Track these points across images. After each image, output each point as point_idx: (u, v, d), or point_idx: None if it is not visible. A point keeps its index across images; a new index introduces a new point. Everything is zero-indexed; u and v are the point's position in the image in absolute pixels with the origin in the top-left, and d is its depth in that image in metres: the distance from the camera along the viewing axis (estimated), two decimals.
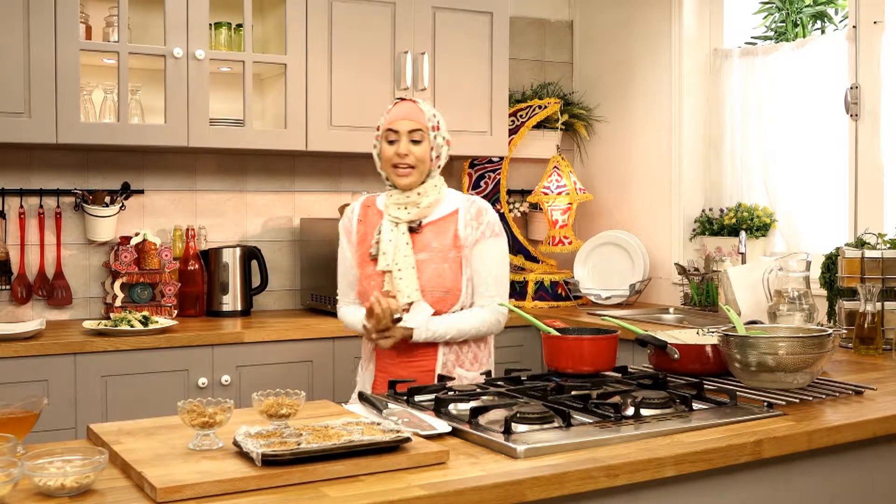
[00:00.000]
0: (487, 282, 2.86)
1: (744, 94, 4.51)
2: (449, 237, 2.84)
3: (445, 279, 2.81)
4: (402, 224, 2.83)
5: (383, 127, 2.85)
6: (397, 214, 2.84)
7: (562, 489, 1.77)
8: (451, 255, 2.83)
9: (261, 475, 1.66)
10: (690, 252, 4.64)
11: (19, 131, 3.60)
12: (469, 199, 2.91)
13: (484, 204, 2.91)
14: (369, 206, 2.97)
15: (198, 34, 3.86)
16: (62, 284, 4.00)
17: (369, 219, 2.94)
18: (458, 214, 2.87)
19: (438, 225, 2.86)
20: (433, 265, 2.82)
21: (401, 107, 2.85)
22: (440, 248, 2.83)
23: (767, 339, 2.42)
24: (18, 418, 1.90)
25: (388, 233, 2.83)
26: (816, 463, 2.17)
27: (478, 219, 2.86)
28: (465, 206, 2.88)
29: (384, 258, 2.82)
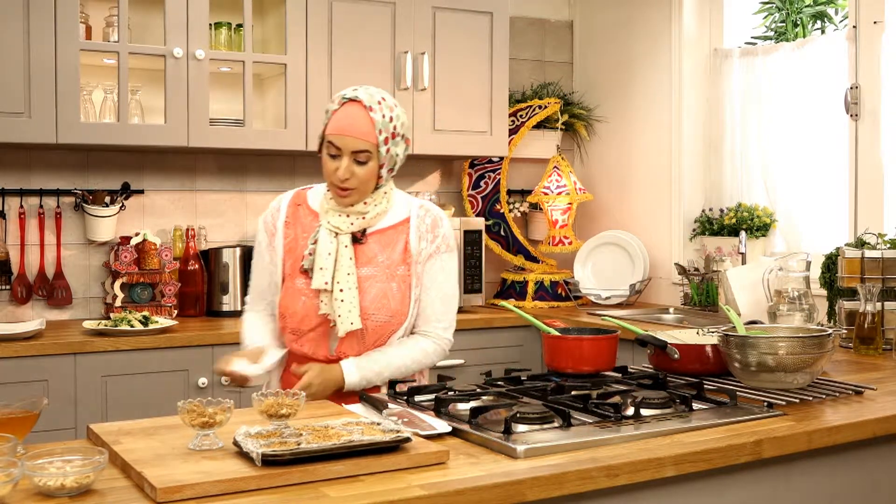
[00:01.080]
0: (435, 304, 2.52)
1: (744, 94, 4.51)
2: (398, 250, 2.48)
3: (391, 301, 2.45)
4: (344, 234, 2.45)
5: (327, 135, 2.41)
6: (338, 224, 2.44)
7: (562, 489, 1.77)
8: (400, 272, 2.47)
9: (261, 475, 1.66)
10: (690, 252, 4.64)
11: (19, 131, 3.60)
12: (421, 205, 2.55)
13: (439, 212, 2.56)
14: (300, 205, 2.55)
15: (198, 34, 3.86)
16: (62, 284, 4.00)
17: (300, 220, 2.52)
18: (409, 224, 2.50)
19: (386, 235, 2.49)
20: (378, 284, 2.45)
21: (346, 115, 2.38)
22: (387, 263, 2.46)
23: (767, 339, 2.42)
24: (18, 418, 1.90)
25: (327, 244, 2.42)
26: (816, 463, 2.17)
27: (433, 230, 2.51)
28: (418, 215, 2.52)
29: (321, 274, 2.40)
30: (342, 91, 2.45)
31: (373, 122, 2.38)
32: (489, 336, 4.23)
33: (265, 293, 2.57)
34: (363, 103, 2.38)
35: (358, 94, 2.40)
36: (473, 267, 4.39)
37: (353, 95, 2.40)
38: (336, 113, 2.40)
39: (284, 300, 2.49)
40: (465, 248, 4.37)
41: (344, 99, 2.40)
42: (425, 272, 2.51)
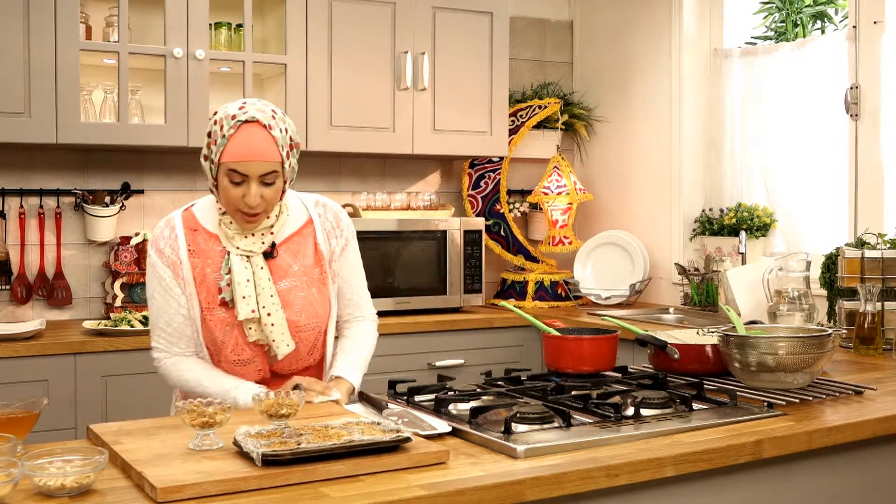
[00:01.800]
0: (359, 290, 2.52)
1: (744, 94, 4.52)
2: (309, 255, 2.40)
3: (317, 306, 2.38)
4: (256, 256, 2.31)
5: (226, 162, 2.20)
6: (248, 247, 2.30)
7: (562, 489, 1.77)
8: (316, 275, 2.39)
9: (261, 475, 1.66)
10: (690, 252, 4.64)
11: (19, 131, 3.60)
12: (317, 202, 2.47)
13: (334, 205, 2.49)
14: (195, 231, 2.34)
15: (198, 34, 3.86)
16: (62, 284, 4.00)
17: (200, 247, 2.33)
18: (313, 226, 2.42)
19: (294, 242, 2.39)
20: (300, 294, 2.36)
21: (247, 137, 2.20)
22: (303, 270, 2.37)
23: (767, 339, 2.42)
24: (18, 418, 1.90)
25: (242, 270, 2.28)
26: (816, 463, 2.17)
27: (338, 225, 2.45)
28: (320, 214, 2.44)
29: (245, 303, 2.27)
30: (225, 110, 2.25)
31: (275, 141, 2.23)
32: (489, 336, 4.23)
33: (184, 329, 2.35)
34: (261, 123, 2.22)
35: (253, 115, 2.21)
36: (473, 267, 4.39)
37: (248, 117, 2.21)
38: (233, 138, 2.20)
39: (210, 334, 2.34)
40: (464, 248, 4.37)
41: (238, 122, 2.20)
42: (342, 265, 2.47)
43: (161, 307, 2.35)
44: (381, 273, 4.17)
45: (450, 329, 4.15)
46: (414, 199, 4.55)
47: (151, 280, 2.36)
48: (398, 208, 4.45)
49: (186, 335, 2.36)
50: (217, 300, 2.31)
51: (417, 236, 4.29)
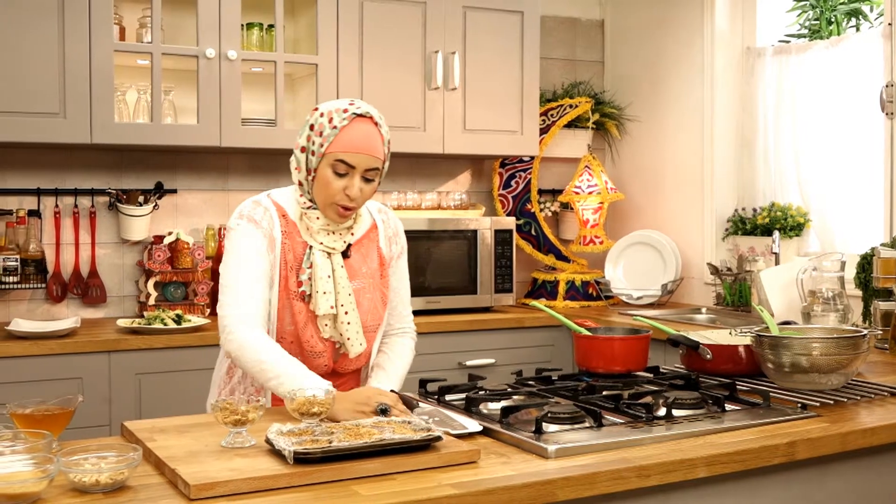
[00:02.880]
0: (405, 301, 2.56)
1: (777, 92, 4.48)
2: (375, 258, 2.44)
3: (379, 311, 2.43)
4: (336, 254, 2.35)
5: (331, 148, 2.25)
6: (331, 244, 2.34)
7: (593, 489, 1.77)
8: (378, 279, 2.43)
9: (292, 473, 1.67)
10: (723, 252, 4.61)
11: (54, 132, 3.64)
12: (380, 209, 2.51)
13: (394, 214, 2.55)
14: (285, 217, 2.36)
15: (230, 35, 3.88)
16: (97, 283, 4.04)
17: (292, 235, 2.36)
18: (377, 231, 2.47)
19: (363, 245, 2.43)
20: (368, 295, 2.40)
21: (360, 131, 2.26)
22: (369, 273, 2.42)
23: (801, 339, 2.40)
24: (54, 415, 1.93)
25: (325, 266, 2.31)
26: (851, 465, 2.15)
27: (398, 233, 2.51)
28: (383, 220, 2.49)
29: (326, 299, 2.30)
30: (332, 104, 2.30)
31: (382, 139, 2.30)
32: (520, 336, 4.23)
33: (264, 302, 2.30)
34: (374, 119, 2.28)
35: (367, 110, 2.28)
36: (504, 266, 4.39)
37: (362, 111, 2.27)
38: (346, 129, 2.24)
39: (284, 315, 2.33)
40: (495, 247, 4.37)
41: (352, 114, 2.26)
42: (394, 272, 2.51)
43: (250, 270, 2.27)
44: (412, 272, 4.11)
45: (480, 329, 4.15)
46: (445, 199, 4.55)
47: (242, 243, 2.29)
48: (429, 208, 4.45)
49: (264, 309, 2.29)
50: (295, 292, 2.31)
51: (448, 236, 4.29)
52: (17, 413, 1.91)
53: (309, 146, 2.29)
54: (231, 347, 2.26)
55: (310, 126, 2.30)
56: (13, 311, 3.92)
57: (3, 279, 3.73)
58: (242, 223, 2.31)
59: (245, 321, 2.25)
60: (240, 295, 2.27)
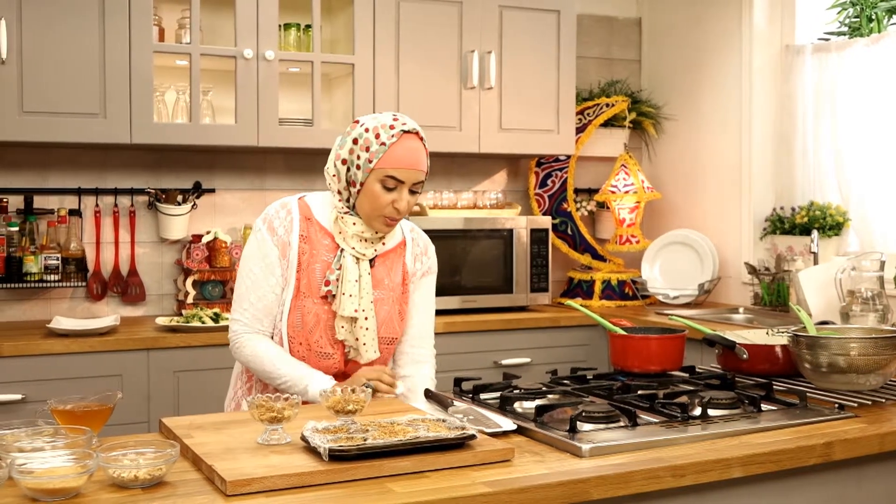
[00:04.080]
0: (428, 323, 2.56)
1: (816, 90, 4.43)
2: (399, 273, 2.48)
3: (395, 325, 2.47)
4: (365, 260, 2.40)
5: (383, 168, 2.30)
6: (363, 250, 2.38)
7: (627, 488, 1.76)
8: (398, 294, 2.48)
9: (327, 470, 1.68)
10: (761, 251, 4.58)
11: (95, 132, 3.69)
12: (412, 228, 2.57)
13: (425, 236, 2.59)
14: (309, 220, 2.41)
15: (267, 35, 3.91)
16: (136, 281, 4.09)
17: (312, 237, 2.40)
18: (405, 247, 2.51)
19: (389, 258, 2.47)
20: (386, 307, 2.44)
21: (409, 147, 2.32)
22: (391, 286, 2.46)
23: (839, 339, 2.38)
24: (94, 411, 1.95)
25: (354, 270, 2.37)
26: (888, 466, 2.13)
27: (426, 253, 2.55)
28: (412, 238, 2.53)
29: (350, 302, 2.35)
30: (376, 119, 2.35)
31: (426, 153, 2.38)
32: (555, 335, 4.22)
33: (272, 309, 2.40)
34: (419, 135, 2.35)
35: (413, 126, 2.35)
36: (540, 266, 4.38)
37: (409, 128, 2.33)
38: (395, 146, 2.30)
39: (300, 321, 2.38)
40: (531, 246, 4.36)
41: (400, 131, 2.31)
42: (418, 290, 2.53)
43: (257, 282, 2.38)
44: (447, 272, 4.18)
45: (516, 328, 4.15)
46: (481, 198, 4.56)
47: (254, 255, 2.39)
48: (465, 207, 4.46)
49: (271, 315, 2.40)
50: (318, 291, 2.37)
51: (484, 235, 4.29)
52: (58, 409, 1.94)
53: (352, 159, 2.34)
54: (238, 357, 2.44)
55: (353, 140, 2.35)
56: (54, 309, 3.98)
57: (44, 277, 3.78)
58: (261, 230, 2.39)
59: (248, 331, 2.41)
60: (245, 306, 2.41)
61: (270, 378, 2.37)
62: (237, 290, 2.43)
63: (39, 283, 3.79)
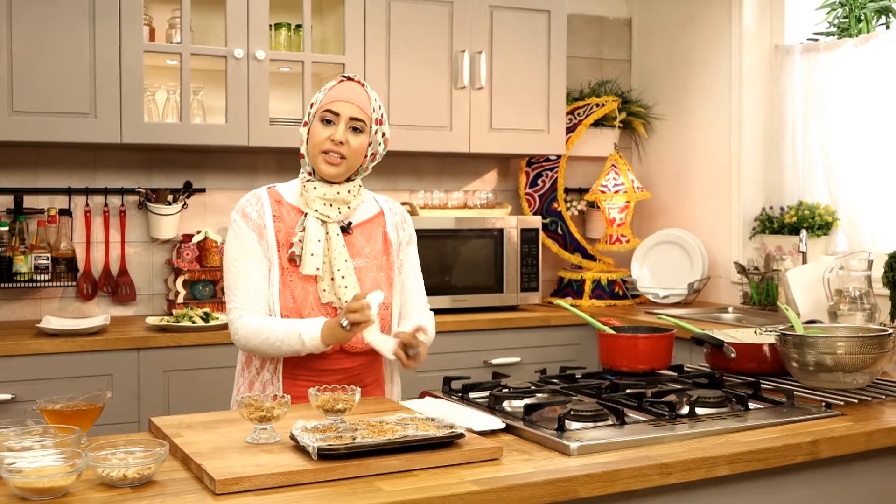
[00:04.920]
0: (420, 291, 2.61)
1: (805, 91, 4.45)
2: (379, 241, 2.53)
3: (384, 288, 2.47)
4: (332, 224, 2.44)
5: (320, 105, 2.42)
6: (326, 212, 2.42)
7: (614, 486, 1.77)
8: (384, 262, 2.51)
9: (316, 468, 1.69)
10: (750, 251, 4.59)
11: (85, 131, 3.69)
12: (386, 199, 2.63)
13: (400, 205, 2.66)
14: (280, 203, 2.48)
15: (258, 35, 3.92)
16: (126, 281, 4.09)
17: (285, 218, 2.46)
18: (383, 217, 2.56)
19: (367, 227, 2.52)
20: (371, 273, 2.47)
21: (346, 86, 2.43)
22: (373, 254, 2.50)
23: (826, 338, 2.40)
24: (83, 411, 1.96)
25: (316, 230, 2.41)
26: (875, 464, 2.14)
27: (405, 220, 2.61)
28: (389, 208, 2.59)
29: (312, 261, 2.38)
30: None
31: (369, 97, 2.44)
32: (545, 334, 4.23)
33: (263, 290, 2.42)
34: (360, 82, 2.46)
35: (356, 75, 2.48)
36: (530, 265, 4.40)
37: (351, 75, 2.48)
38: (334, 87, 2.43)
39: (284, 293, 2.41)
40: (521, 246, 4.37)
41: (341, 77, 2.47)
42: (405, 260, 2.58)
43: (242, 269, 2.42)
44: (438, 271, 4.19)
45: (506, 327, 4.16)
46: (471, 198, 4.56)
47: (233, 244, 2.45)
48: (455, 207, 4.47)
49: (262, 297, 2.42)
50: (289, 258, 2.41)
51: (474, 235, 4.30)
52: (47, 409, 1.94)
53: (307, 118, 2.47)
54: (239, 342, 2.43)
55: (310, 104, 2.48)
56: (44, 309, 3.97)
57: (34, 277, 3.78)
58: (236, 220, 2.46)
59: (243, 315, 2.41)
60: (236, 293, 2.43)
61: (272, 346, 2.36)
62: (226, 283, 2.47)
63: (29, 282, 3.78)
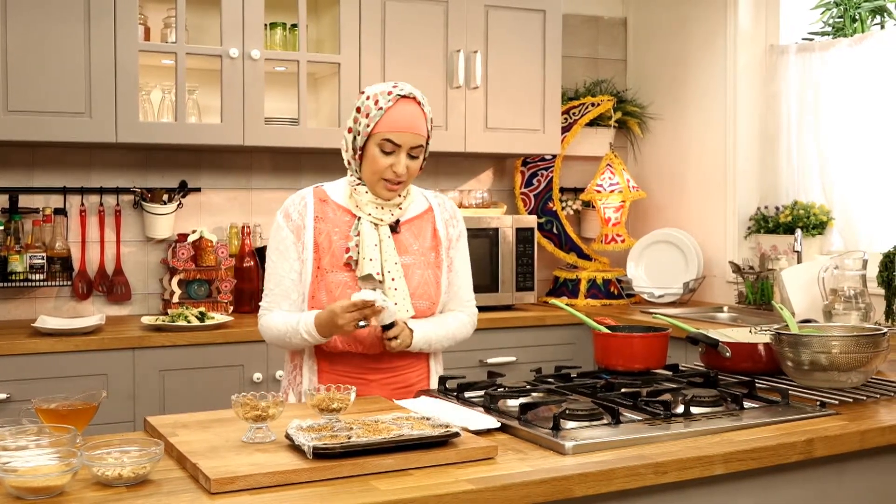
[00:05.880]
0: (466, 285, 2.63)
1: (800, 90, 4.46)
2: (428, 237, 2.56)
3: (430, 288, 2.52)
4: (384, 226, 2.48)
5: (377, 128, 2.39)
6: (379, 215, 2.46)
7: (609, 486, 1.77)
8: (432, 259, 2.54)
9: (312, 468, 1.69)
10: (745, 250, 4.60)
11: (80, 131, 3.68)
12: (435, 195, 2.66)
13: (451, 202, 2.68)
14: (325, 202, 2.51)
15: (253, 34, 3.91)
16: (121, 281, 4.09)
17: (328, 216, 2.50)
18: (432, 213, 2.59)
19: (415, 224, 2.56)
20: (419, 270, 2.50)
21: (405, 111, 2.40)
22: (421, 251, 2.53)
23: (821, 337, 2.40)
24: (78, 410, 1.95)
25: (372, 235, 2.44)
26: (869, 463, 2.15)
27: (454, 217, 2.62)
28: (439, 203, 2.62)
29: (371, 265, 2.41)
30: (377, 87, 2.45)
31: (425, 118, 2.45)
32: (541, 334, 4.24)
33: (290, 292, 2.48)
34: (416, 99, 2.43)
35: (410, 91, 2.43)
36: (525, 265, 4.40)
37: (405, 92, 2.42)
38: (391, 110, 2.39)
39: (318, 293, 2.45)
40: (517, 245, 4.37)
41: (396, 96, 2.40)
42: (456, 253, 2.61)
43: (275, 269, 2.50)
44: None
45: (502, 327, 4.16)
46: (466, 197, 4.56)
47: (272, 243, 2.52)
48: None
49: (291, 297, 2.49)
50: (342, 262, 2.45)
51: (470, 234, 4.22)
52: (42, 408, 1.94)
53: (356, 127, 2.45)
54: (264, 336, 2.54)
55: (356, 108, 2.46)
56: (39, 309, 3.97)
57: (29, 277, 3.78)
58: (279, 220, 2.51)
59: (265, 313, 2.52)
60: (266, 292, 2.53)
61: (283, 340, 2.46)
62: (265, 279, 2.55)
63: (24, 282, 3.78)
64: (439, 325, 2.54)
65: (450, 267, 2.58)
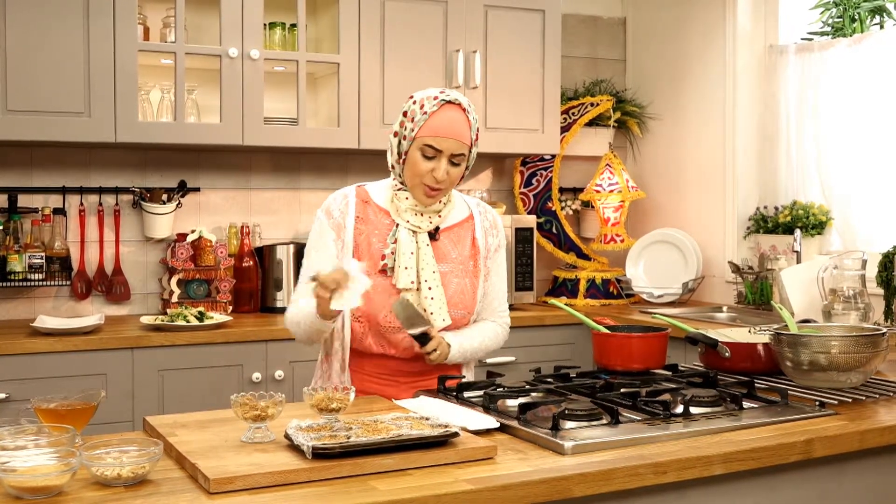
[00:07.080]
0: (500, 295, 2.63)
1: (800, 90, 4.46)
2: (467, 246, 2.55)
3: (467, 296, 2.51)
4: (422, 233, 2.48)
5: (420, 132, 2.39)
6: (417, 223, 2.46)
7: (609, 486, 1.77)
8: (470, 267, 2.53)
9: (311, 468, 1.69)
10: (744, 250, 4.60)
11: (79, 130, 3.68)
12: (478, 203, 2.64)
13: (493, 210, 2.67)
14: (367, 202, 2.52)
15: (252, 34, 3.91)
16: (121, 280, 4.08)
17: (369, 217, 2.50)
18: (473, 221, 2.58)
19: (455, 232, 2.55)
20: (456, 279, 2.50)
21: (449, 116, 2.39)
22: (459, 259, 2.52)
23: (820, 337, 2.40)
24: (77, 410, 1.95)
25: (409, 243, 2.44)
26: (868, 463, 2.15)
27: (495, 226, 2.61)
28: (480, 212, 2.61)
29: (406, 273, 2.41)
30: (425, 92, 2.45)
31: (470, 125, 2.43)
32: (540, 334, 4.24)
33: None
34: (462, 105, 2.42)
35: (456, 97, 2.42)
36: (525, 265, 4.40)
37: (451, 98, 2.41)
38: (435, 115, 2.39)
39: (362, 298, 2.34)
40: (516, 245, 4.37)
41: (441, 101, 2.40)
42: (493, 263, 2.59)
43: (309, 264, 2.50)
44: None
45: None
46: None
47: (311, 239, 2.53)
48: None
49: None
50: (378, 267, 2.44)
51: None
52: (41, 408, 1.94)
53: (401, 131, 2.45)
54: (288, 327, 2.53)
55: (403, 113, 2.45)
56: (38, 308, 3.97)
57: (28, 276, 3.77)
58: (320, 216, 2.52)
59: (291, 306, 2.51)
60: (299, 287, 2.52)
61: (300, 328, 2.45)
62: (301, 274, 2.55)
63: (23, 282, 3.78)
64: (475, 338, 2.55)
65: (486, 276, 2.57)
